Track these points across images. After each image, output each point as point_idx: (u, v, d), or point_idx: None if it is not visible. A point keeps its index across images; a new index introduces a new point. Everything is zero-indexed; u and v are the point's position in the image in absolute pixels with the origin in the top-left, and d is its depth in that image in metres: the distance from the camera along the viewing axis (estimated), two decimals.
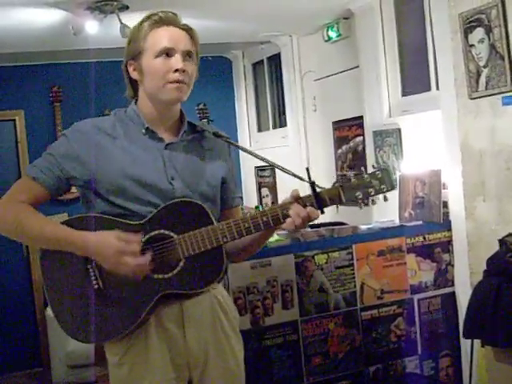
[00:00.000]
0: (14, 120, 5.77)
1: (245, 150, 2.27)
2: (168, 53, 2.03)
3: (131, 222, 2.00)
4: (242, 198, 2.31)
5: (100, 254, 1.95)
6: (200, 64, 2.15)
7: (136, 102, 2.13)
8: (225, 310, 2.17)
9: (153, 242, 2.00)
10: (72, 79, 5.85)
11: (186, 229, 1.99)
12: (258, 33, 5.38)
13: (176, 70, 2.02)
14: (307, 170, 1.99)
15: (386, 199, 2.00)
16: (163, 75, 2.02)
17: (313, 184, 1.97)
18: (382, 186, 1.96)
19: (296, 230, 1.98)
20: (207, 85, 6.15)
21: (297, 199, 1.97)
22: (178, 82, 2.02)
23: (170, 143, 2.10)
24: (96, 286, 2.03)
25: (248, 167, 6.32)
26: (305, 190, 2.02)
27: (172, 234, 2.00)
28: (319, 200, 1.96)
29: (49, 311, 2.14)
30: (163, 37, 2.03)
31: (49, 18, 4.21)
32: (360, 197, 1.95)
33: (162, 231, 2.00)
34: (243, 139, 6.45)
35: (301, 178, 2.06)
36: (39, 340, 5.56)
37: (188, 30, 2.08)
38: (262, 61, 6.23)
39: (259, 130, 6.45)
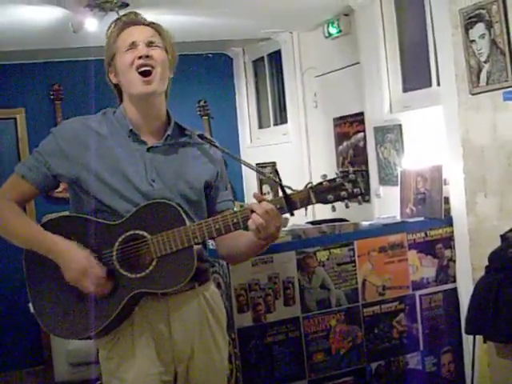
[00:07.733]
0: (15, 118, 5.75)
1: (226, 153, 2.26)
2: (133, 46, 2.09)
3: (108, 222, 2.05)
4: (232, 200, 2.30)
5: (65, 263, 2.02)
6: (200, 61, 2.19)
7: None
8: (211, 307, 2.20)
9: (127, 241, 2.04)
10: (72, 77, 5.83)
11: (160, 229, 2.02)
12: (259, 29, 5.37)
13: (140, 57, 2.07)
14: (276, 171, 1.98)
15: (347, 206, 1.95)
16: (130, 65, 2.08)
17: (282, 186, 1.95)
18: (356, 190, 1.92)
19: (261, 232, 1.96)
20: (208, 82, 6.12)
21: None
22: (144, 67, 2.07)
23: (152, 146, 2.12)
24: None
25: None
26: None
27: (146, 234, 2.03)
28: (290, 202, 1.94)
29: (30, 307, 2.19)
30: (128, 34, 2.12)
31: (48, 15, 4.20)
32: (331, 199, 1.92)
33: (136, 231, 2.04)
34: (244, 136, 6.43)
35: (275, 180, 2.05)
36: (41, 338, 5.55)
37: (152, 24, 2.16)
38: (263, 58, 6.21)
39: (260, 126, 6.43)
